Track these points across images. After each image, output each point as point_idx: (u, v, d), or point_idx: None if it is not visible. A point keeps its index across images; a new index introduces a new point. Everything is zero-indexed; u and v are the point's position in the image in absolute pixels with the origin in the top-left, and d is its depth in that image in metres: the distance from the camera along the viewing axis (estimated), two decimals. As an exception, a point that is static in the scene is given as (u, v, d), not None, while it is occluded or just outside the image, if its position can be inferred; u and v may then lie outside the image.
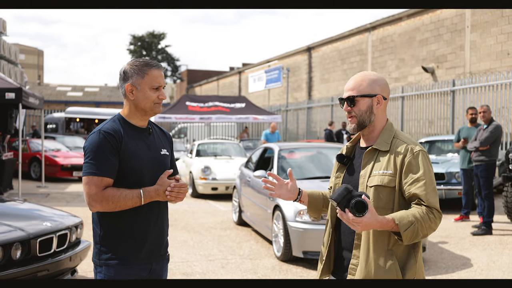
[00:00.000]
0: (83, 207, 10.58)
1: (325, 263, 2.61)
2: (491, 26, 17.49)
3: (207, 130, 28.20)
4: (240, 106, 24.10)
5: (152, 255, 2.68)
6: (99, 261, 2.62)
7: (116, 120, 2.66)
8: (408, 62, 21.43)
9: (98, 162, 2.53)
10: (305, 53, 29.92)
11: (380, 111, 2.50)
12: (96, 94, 43.69)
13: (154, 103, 2.64)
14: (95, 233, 2.66)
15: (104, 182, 2.53)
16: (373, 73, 2.56)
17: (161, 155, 2.73)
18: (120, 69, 2.70)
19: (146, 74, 2.61)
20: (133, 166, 2.59)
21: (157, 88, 2.63)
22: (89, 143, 2.58)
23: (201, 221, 9.49)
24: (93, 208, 2.56)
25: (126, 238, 2.61)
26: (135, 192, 2.55)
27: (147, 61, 2.66)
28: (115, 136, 2.57)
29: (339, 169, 2.61)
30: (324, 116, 24.75)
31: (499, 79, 14.82)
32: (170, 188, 2.59)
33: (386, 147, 2.44)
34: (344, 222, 2.50)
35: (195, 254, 7.00)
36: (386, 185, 2.37)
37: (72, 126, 25.84)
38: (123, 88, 2.66)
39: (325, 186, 7.17)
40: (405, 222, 2.25)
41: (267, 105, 33.01)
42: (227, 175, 12.63)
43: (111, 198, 2.51)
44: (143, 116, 2.68)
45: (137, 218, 2.62)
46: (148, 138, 2.71)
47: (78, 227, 5.41)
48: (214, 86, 46.17)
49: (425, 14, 20.48)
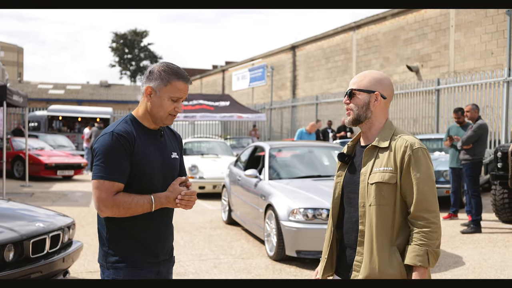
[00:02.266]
0: (69, 207, 10.44)
1: (327, 262, 2.63)
2: (475, 25, 17.67)
3: (191, 128, 28.08)
4: (225, 104, 24.02)
5: (159, 258, 2.62)
6: (106, 264, 2.55)
7: (129, 121, 2.56)
8: (392, 61, 21.56)
9: (110, 165, 2.42)
10: (290, 52, 29.94)
11: (378, 109, 2.51)
12: (78, 92, 43.23)
13: (169, 114, 2.54)
14: (101, 235, 2.58)
15: (115, 187, 2.43)
16: (378, 72, 2.59)
17: (171, 158, 2.65)
18: (149, 67, 2.60)
19: (169, 83, 2.51)
20: (145, 170, 2.51)
21: (176, 100, 2.54)
22: (100, 145, 2.46)
23: (190, 221, 9.41)
24: (103, 214, 2.46)
25: (134, 241, 2.54)
26: (146, 199, 2.47)
27: (177, 71, 2.54)
28: (128, 139, 2.46)
29: (341, 168, 2.63)
30: (309, 115, 24.79)
31: (483, 78, 14.97)
32: (180, 197, 2.52)
33: (385, 144, 2.45)
34: (346, 221, 2.54)
35: (186, 254, 6.94)
36: (387, 182, 2.39)
37: (55, 125, 25.50)
38: (143, 87, 2.56)
39: (317, 185, 7.18)
40: (423, 258, 2.31)
41: (251, 103, 32.98)
42: (214, 174, 12.58)
43: (122, 204, 2.43)
44: (153, 122, 2.58)
45: (146, 222, 2.56)
46: (159, 141, 2.62)
47: (70, 227, 5.32)
48: (197, 85, 45.99)
49: (410, 14, 20.62)
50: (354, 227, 2.48)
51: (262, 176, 7.69)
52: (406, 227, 2.40)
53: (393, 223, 2.39)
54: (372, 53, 22.88)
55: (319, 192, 6.80)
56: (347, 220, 2.54)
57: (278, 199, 6.75)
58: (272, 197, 6.90)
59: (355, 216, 2.49)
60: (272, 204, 6.75)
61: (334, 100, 22.75)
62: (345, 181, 2.57)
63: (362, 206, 2.43)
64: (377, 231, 2.38)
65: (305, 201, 6.51)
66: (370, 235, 2.40)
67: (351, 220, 2.51)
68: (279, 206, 6.62)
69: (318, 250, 6.27)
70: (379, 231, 2.38)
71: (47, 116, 24.71)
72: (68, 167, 15.97)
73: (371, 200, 2.40)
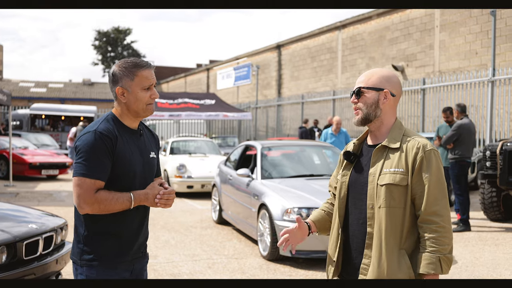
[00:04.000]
0: (56, 207, 10.31)
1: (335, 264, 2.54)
2: (460, 26, 17.83)
3: (176, 127, 27.92)
4: (210, 103, 23.92)
5: (133, 255, 2.65)
6: (80, 261, 2.55)
7: (110, 120, 2.58)
8: (378, 61, 21.67)
9: (92, 163, 2.45)
10: (275, 51, 29.94)
11: (387, 107, 2.45)
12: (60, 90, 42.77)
13: (147, 104, 2.57)
14: (78, 232, 2.59)
15: (96, 185, 2.46)
16: (386, 69, 2.54)
17: (150, 158, 2.69)
18: (109, 71, 2.64)
19: (136, 76, 2.54)
20: (125, 169, 2.54)
21: (148, 88, 2.56)
22: (83, 143, 2.48)
23: (180, 220, 9.35)
24: (82, 210, 2.48)
25: (112, 240, 2.56)
26: (126, 196, 2.50)
27: (136, 62, 2.57)
28: (111, 138, 2.49)
29: (346, 167, 2.54)
30: (294, 114, 24.82)
31: (468, 78, 15.11)
32: (159, 196, 2.56)
33: (396, 144, 2.39)
34: (352, 223, 2.47)
35: (179, 254, 6.88)
36: (398, 184, 2.33)
37: (38, 123, 25.18)
38: (113, 91, 2.59)
39: (310, 184, 7.17)
40: (436, 266, 2.27)
41: (236, 102, 32.92)
42: (202, 173, 12.51)
43: (102, 201, 2.45)
44: (135, 118, 2.62)
45: (123, 219, 2.57)
46: (139, 140, 2.65)
47: (63, 228, 5.22)
48: (182, 83, 45.79)
49: (395, 13, 20.74)
50: (361, 229, 2.42)
51: (254, 176, 7.65)
52: (415, 230, 2.35)
53: (402, 226, 2.33)
54: (358, 52, 22.97)
55: (312, 192, 6.78)
56: (353, 221, 2.47)
57: (272, 198, 6.72)
58: (265, 196, 6.87)
59: (361, 218, 2.42)
60: (266, 204, 6.71)
61: (320, 99, 22.79)
62: (351, 181, 2.49)
63: (371, 208, 2.37)
64: (386, 234, 2.32)
65: (299, 201, 6.49)
66: (379, 237, 2.33)
67: (357, 222, 2.44)
68: (272, 205, 6.59)
69: (312, 250, 6.25)
70: (389, 234, 2.32)
71: (30, 115, 24.39)
72: (52, 167, 15.76)
73: (381, 202, 2.34)
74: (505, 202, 9.03)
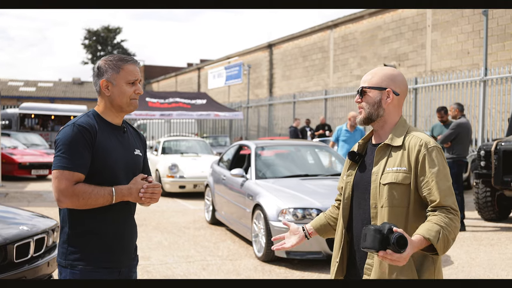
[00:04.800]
0: (47, 207, 10.16)
1: (338, 265, 2.49)
2: (452, 25, 17.86)
3: (167, 126, 27.77)
4: (201, 102, 23.82)
5: (121, 257, 2.57)
6: (65, 262, 2.48)
7: (91, 115, 2.56)
8: (370, 60, 21.66)
9: (71, 156, 2.41)
10: (266, 50, 29.88)
11: (391, 106, 2.41)
12: (50, 90, 42.45)
13: (131, 98, 2.55)
14: (63, 231, 2.52)
15: (75, 177, 2.40)
16: (391, 68, 2.49)
17: (134, 155, 2.65)
18: (94, 65, 2.62)
19: (121, 69, 2.53)
20: (106, 163, 2.49)
21: (133, 83, 2.55)
22: (62, 136, 2.45)
23: (172, 221, 9.24)
24: (62, 204, 2.42)
25: (97, 239, 2.49)
26: (107, 190, 2.44)
27: (122, 56, 2.58)
28: (90, 131, 2.46)
29: (351, 167, 2.51)
30: (286, 113, 24.76)
31: (460, 78, 15.12)
32: (143, 190, 2.50)
33: (398, 142, 2.35)
34: (356, 223, 2.43)
35: (172, 256, 6.78)
36: (400, 183, 2.28)
37: (27, 123, 24.93)
38: (97, 84, 2.56)
39: (305, 184, 7.10)
40: (434, 233, 2.16)
41: (227, 101, 32.82)
42: (194, 173, 12.41)
43: (81, 194, 2.39)
44: (119, 113, 2.59)
45: (110, 218, 2.51)
46: (122, 136, 2.62)
47: (54, 230, 5.11)
48: (173, 82, 45.61)
49: (387, 13, 20.74)
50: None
51: (248, 176, 7.57)
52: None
53: (405, 226, 2.28)
54: (350, 52, 22.96)
55: (307, 192, 6.71)
56: (357, 222, 2.43)
57: (267, 199, 6.64)
58: (260, 197, 6.79)
59: (365, 218, 2.38)
60: (261, 204, 6.63)
61: (311, 99, 22.75)
62: (356, 181, 2.45)
63: (374, 207, 2.32)
64: None
65: (294, 201, 6.41)
66: None
67: (362, 222, 2.40)
68: (267, 206, 6.51)
69: (307, 251, 6.19)
70: None
71: (19, 114, 24.13)
72: (42, 166, 15.58)
73: (383, 201, 2.29)
74: (500, 201, 9.01)
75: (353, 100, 20.02)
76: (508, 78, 13.65)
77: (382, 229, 2.07)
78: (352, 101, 20.14)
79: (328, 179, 7.49)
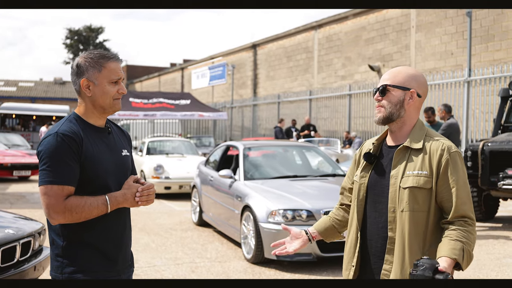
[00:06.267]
0: (30, 209, 9.98)
1: (355, 269, 2.42)
2: (436, 26, 17.97)
3: (151, 127, 27.55)
4: (185, 102, 23.68)
5: (119, 265, 2.44)
6: (62, 276, 2.32)
7: (73, 120, 2.36)
8: (354, 61, 21.72)
9: (57, 168, 2.23)
10: (250, 50, 29.83)
11: (412, 108, 2.35)
12: (31, 89, 41.90)
13: (114, 98, 2.38)
14: (56, 244, 2.35)
15: (65, 191, 2.24)
16: (412, 68, 2.43)
17: (122, 156, 2.49)
18: (72, 63, 2.41)
19: (103, 67, 2.34)
20: (96, 171, 2.33)
21: (116, 82, 2.38)
22: (45, 148, 2.25)
23: (158, 222, 9.13)
24: (54, 221, 2.25)
25: (92, 248, 2.34)
26: (100, 200, 2.29)
27: (103, 53, 2.39)
28: (75, 139, 2.27)
29: (365, 169, 2.43)
30: (270, 114, 24.74)
31: (444, 78, 15.23)
32: (139, 194, 2.37)
33: (418, 145, 2.29)
34: (371, 225, 2.37)
35: (160, 258, 6.68)
36: (422, 187, 2.23)
37: (8, 123, 24.56)
38: (77, 84, 2.37)
39: (294, 185, 7.04)
40: (458, 252, 2.12)
41: (211, 102, 32.69)
42: (180, 173, 12.30)
43: (74, 208, 2.23)
44: (101, 114, 2.41)
45: (105, 225, 2.36)
46: (108, 138, 2.45)
47: (41, 233, 4.99)
48: (156, 82, 45.33)
49: (371, 14, 20.82)
50: (381, 233, 2.31)
51: (237, 177, 7.50)
52: (438, 235, 2.25)
53: (425, 231, 2.24)
54: (334, 52, 23.01)
55: (297, 193, 6.66)
56: (372, 225, 2.36)
57: (256, 200, 6.58)
58: (249, 198, 6.72)
59: (381, 222, 2.32)
60: (250, 206, 6.56)
61: (296, 99, 22.75)
62: (370, 183, 2.38)
63: (392, 211, 2.26)
64: (410, 238, 2.22)
65: (284, 202, 6.36)
66: (401, 242, 2.23)
67: (377, 225, 2.34)
68: (257, 207, 6.44)
69: (297, 253, 6.12)
70: (412, 238, 2.22)
71: (0, 114, 23.78)
72: (25, 167, 15.32)
73: (404, 205, 2.23)
74: (486, 202, 9.05)
75: (338, 100, 20.07)
76: (492, 79, 13.78)
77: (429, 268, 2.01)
78: (337, 101, 20.17)
79: (317, 180, 7.45)
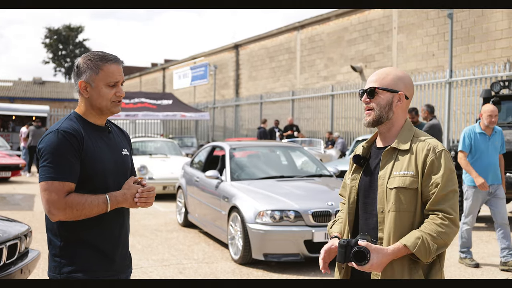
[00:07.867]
0: (12, 211, 9.84)
1: (344, 270, 2.44)
2: (417, 28, 18.15)
3: (132, 127, 27.37)
4: (167, 103, 23.58)
5: (117, 264, 2.45)
6: (60, 276, 2.32)
7: (73, 119, 2.39)
8: (336, 61, 21.84)
9: (58, 165, 2.25)
10: (233, 51, 29.80)
11: (400, 109, 2.37)
12: (10, 89, 41.29)
13: (111, 101, 2.39)
14: (53, 244, 2.35)
15: (66, 188, 2.25)
16: (400, 70, 2.46)
17: (122, 155, 2.51)
18: (75, 62, 2.44)
19: (100, 70, 2.35)
20: (96, 168, 2.34)
21: (114, 85, 2.39)
22: (46, 144, 2.28)
23: (143, 223, 9.07)
24: (54, 217, 2.26)
25: (90, 247, 2.35)
26: (101, 198, 2.31)
27: (102, 55, 2.39)
28: (76, 136, 2.30)
29: (355, 171, 2.46)
30: (253, 114, 24.74)
31: (425, 79, 15.38)
32: (138, 195, 2.38)
33: (406, 146, 2.32)
34: (362, 228, 2.39)
35: (147, 260, 6.63)
36: (408, 187, 2.25)
37: (-13, 123, 24.17)
38: (76, 84, 2.40)
39: (281, 186, 7.05)
40: (413, 240, 2.17)
41: (193, 102, 32.59)
42: (164, 174, 12.24)
43: (75, 205, 2.24)
44: (99, 115, 2.44)
45: (103, 225, 2.38)
46: (108, 137, 2.47)
47: (27, 235, 4.92)
48: (137, 83, 45.04)
49: (353, 15, 20.95)
50: (372, 234, 2.33)
51: (223, 177, 7.48)
52: None
53: (411, 231, 2.25)
54: (316, 53, 23.10)
55: (284, 193, 6.67)
56: (363, 227, 2.38)
57: (243, 201, 6.57)
58: (236, 199, 6.71)
59: (372, 223, 2.34)
60: (237, 206, 6.55)
61: (278, 100, 22.78)
62: (361, 185, 2.41)
63: (381, 212, 2.29)
64: (395, 239, 2.24)
65: (271, 203, 6.36)
66: (388, 243, 2.26)
67: (368, 227, 2.36)
68: (244, 208, 6.43)
69: (285, 253, 6.14)
70: (398, 239, 2.23)
71: (-22, 115, 23.41)
72: (5, 168, 15.11)
73: (390, 206, 2.26)
74: (469, 201, 9.15)
75: (320, 101, 20.14)
76: (473, 80, 13.96)
77: (347, 244, 2.20)
78: (319, 102, 20.25)
79: (303, 181, 7.47)
